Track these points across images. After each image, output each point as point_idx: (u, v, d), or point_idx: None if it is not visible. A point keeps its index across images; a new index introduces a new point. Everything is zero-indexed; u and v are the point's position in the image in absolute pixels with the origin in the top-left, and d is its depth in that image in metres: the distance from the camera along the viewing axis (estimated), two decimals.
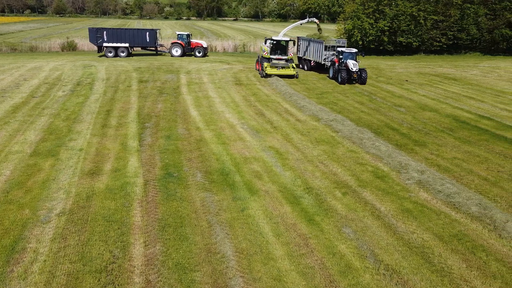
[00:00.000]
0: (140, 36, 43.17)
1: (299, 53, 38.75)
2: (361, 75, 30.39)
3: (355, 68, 30.02)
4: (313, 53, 35.51)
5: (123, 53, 42.80)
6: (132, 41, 43.02)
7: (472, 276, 8.80)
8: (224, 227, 10.50)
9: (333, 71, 32.19)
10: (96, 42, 42.95)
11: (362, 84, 30.39)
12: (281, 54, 33.14)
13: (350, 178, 13.69)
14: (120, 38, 42.58)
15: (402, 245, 9.88)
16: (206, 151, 15.87)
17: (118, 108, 22.08)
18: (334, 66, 31.90)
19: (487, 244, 10.01)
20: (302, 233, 10.30)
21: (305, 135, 18.18)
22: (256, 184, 13.04)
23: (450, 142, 17.65)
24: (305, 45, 37.27)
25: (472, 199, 12.06)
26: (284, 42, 33.31)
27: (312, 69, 36.69)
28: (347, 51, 31.00)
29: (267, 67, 31.83)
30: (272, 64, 32.19)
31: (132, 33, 43.47)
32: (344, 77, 30.17)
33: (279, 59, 32.90)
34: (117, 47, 42.59)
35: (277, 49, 33.13)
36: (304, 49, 37.48)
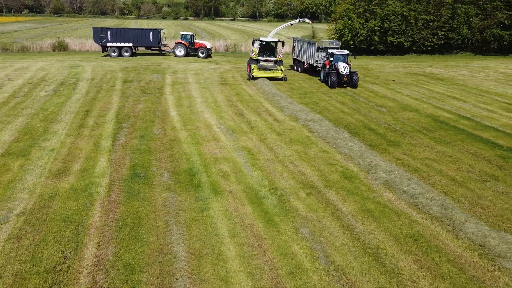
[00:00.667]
0: (143, 36, 43.16)
1: (294, 55, 37.61)
2: (352, 78, 28.93)
3: (345, 71, 28.61)
4: (306, 54, 34.35)
5: (126, 52, 42.84)
6: (136, 41, 43.04)
7: (421, 277, 8.77)
8: (181, 228, 10.47)
9: (324, 74, 30.71)
10: (100, 41, 43.08)
11: (353, 88, 28.88)
12: (270, 55, 32.08)
13: (317, 179, 13.66)
14: (124, 38, 42.64)
15: (356, 246, 9.84)
16: (178, 151, 15.84)
17: (98, 108, 22.05)
18: (325, 69, 30.43)
19: (442, 245, 9.98)
20: (258, 234, 10.27)
21: (281, 135, 18.15)
22: (221, 185, 13.01)
23: (424, 142, 17.61)
24: (299, 46, 36.16)
25: (435, 199, 12.03)
26: (273, 43, 32.28)
27: (305, 71, 35.61)
28: (338, 53, 29.59)
29: (254, 69, 30.86)
30: (260, 66, 31.20)
31: (135, 33, 43.48)
32: (334, 81, 28.69)
33: (267, 61, 31.88)
34: (121, 47, 42.66)
35: (266, 50, 32.09)
36: (298, 51, 36.31)
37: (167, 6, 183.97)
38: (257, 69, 30.91)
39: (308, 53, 33.95)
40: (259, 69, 30.98)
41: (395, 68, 39.73)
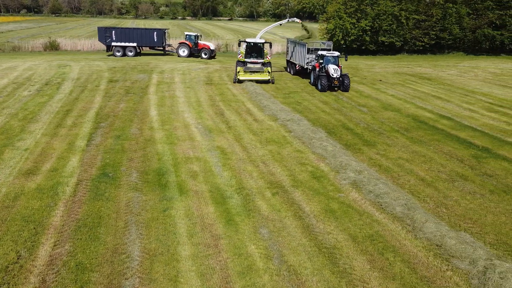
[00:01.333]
0: (147, 36, 43.05)
1: (287, 56, 36.49)
2: (343, 81, 27.54)
3: (336, 74, 27.15)
4: (298, 56, 33.23)
5: (131, 52, 42.89)
6: (140, 40, 43.00)
7: (372, 277, 8.76)
8: (140, 228, 10.47)
9: (314, 77, 29.35)
10: (105, 41, 43.15)
11: (344, 92, 27.60)
12: (257, 57, 30.87)
13: (286, 178, 13.65)
14: (128, 38, 42.67)
15: (312, 246, 9.84)
16: (151, 151, 15.84)
17: (79, 108, 22.04)
18: (315, 72, 29.06)
19: (399, 245, 9.97)
20: (216, 234, 10.26)
21: (257, 135, 18.14)
22: (188, 184, 13.00)
23: (400, 142, 17.60)
24: (291, 47, 35.02)
25: (400, 199, 12.02)
26: (260, 44, 31.12)
27: (297, 73, 34.38)
28: (328, 55, 28.03)
29: (240, 72, 29.77)
30: (246, 69, 30.04)
31: (140, 32, 43.42)
32: (325, 84, 27.27)
33: (254, 63, 30.71)
34: (125, 47, 42.73)
35: (253, 52, 30.99)
36: (291, 52, 35.20)
37: (165, 6, 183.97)
38: (243, 72, 29.89)
39: (299, 54, 32.97)
40: (245, 72, 29.94)
41: (385, 68, 39.72)
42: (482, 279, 8.59)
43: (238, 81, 29.54)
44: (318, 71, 28.62)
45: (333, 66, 27.54)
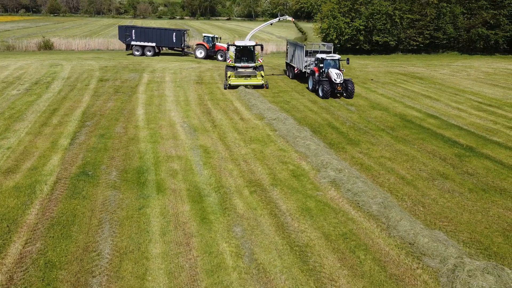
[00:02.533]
0: (166, 36, 42.68)
1: (287, 59, 33.86)
2: (347, 87, 25.11)
3: (339, 79, 24.76)
4: (296, 59, 30.79)
5: (149, 52, 42.69)
6: (159, 40, 42.70)
7: (341, 275, 8.74)
8: (113, 226, 10.44)
9: (313, 82, 26.88)
10: (125, 40, 43.07)
11: (348, 98, 25.34)
12: (248, 61, 28.62)
13: (266, 177, 13.62)
14: (147, 37, 42.45)
15: (285, 244, 9.81)
16: (133, 149, 15.81)
17: (66, 107, 22.00)
18: (314, 76, 26.61)
19: (371, 243, 9.95)
20: (189, 232, 10.24)
21: (242, 133, 18.11)
22: (167, 183, 12.98)
23: (384, 141, 17.58)
24: (290, 49, 32.41)
25: (377, 197, 12.00)
26: (250, 47, 28.83)
27: (296, 77, 32.06)
28: (328, 58, 25.59)
29: (231, 77, 27.63)
30: (237, 73, 27.98)
31: (159, 33, 43.09)
32: (327, 90, 24.73)
33: (245, 67, 28.53)
34: (144, 46, 42.59)
35: (243, 55, 28.70)
36: (290, 54, 32.66)
37: (163, 6, 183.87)
38: (234, 77, 27.80)
39: (297, 57, 30.55)
40: (236, 77, 27.85)
41: (377, 68, 39.69)
42: (450, 277, 8.57)
43: (229, 87, 27.61)
44: (318, 76, 26.17)
45: (335, 71, 25.06)
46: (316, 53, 28.24)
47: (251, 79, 27.90)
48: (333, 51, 31.34)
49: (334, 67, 25.70)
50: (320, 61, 26.07)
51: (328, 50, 29.30)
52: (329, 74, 25.28)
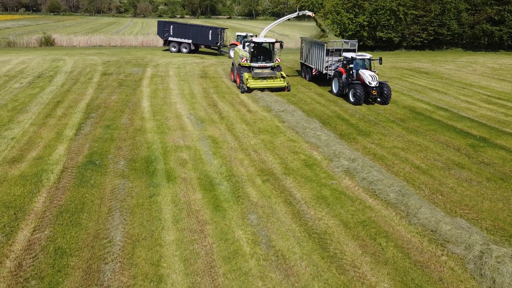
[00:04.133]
0: (202, 33, 41.23)
1: (301, 59, 30.17)
2: (383, 91, 21.48)
3: (374, 82, 21.09)
4: (314, 58, 26.93)
5: (185, 49, 41.73)
6: (195, 38, 41.39)
7: (363, 262, 8.40)
8: (124, 213, 10.09)
9: (339, 85, 23.22)
10: (163, 35, 42.43)
11: (384, 104, 21.77)
12: (265, 60, 24.86)
13: (277, 166, 13.28)
14: (184, 34, 41.42)
15: (302, 231, 9.47)
16: (140, 140, 15.46)
17: (70, 99, 21.65)
18: (340, 79, 23.01)
19: (392, 231, 9.61)
20: (202, 220, 9.90)
21: (250, 125, 17.77)
22: (177, 172, 12.63)
23: (396, 132, 17.24)
24: (306, 48, 28.59)
25: (394, 186, 11.66)
26: (268, 45, 25.14)
27: (314, 79, 28.04)
28: (358, 57, 22.17)
29: (249, 80, 23.90)
30: (255, 74, 24.05)
31: (195, 29, 41.90)
32: (360, 95, 20.99)
33: (263, 67, 24.70)
34: (180, 43, 41.72)
35: (260, 54, 24.99)
36: (306, 53, 28.79)
37: (164, 5, 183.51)
38: (252, 79, 23.99)
39: (316, 57, 26.66)
40: (255, 78, 24.04)
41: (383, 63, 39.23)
42: (478, 264, 8.23)
43: (247, 90, 23.94)
44: (346, 78, 22.65)
45: (369, 72, 21.51)
46: (339, 52, 24.99)
47: (272, 81, 24.36)
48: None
49: (363, 67, 22.21)
50: (349, 61, 22.37)
51: (352, 48, 25.59)
52: (361, 76, 21.53)
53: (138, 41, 50.77)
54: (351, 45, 25.92)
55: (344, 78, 22.84)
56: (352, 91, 21.68)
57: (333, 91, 24.20)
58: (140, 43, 50.41)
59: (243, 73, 24.26)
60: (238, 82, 25.21)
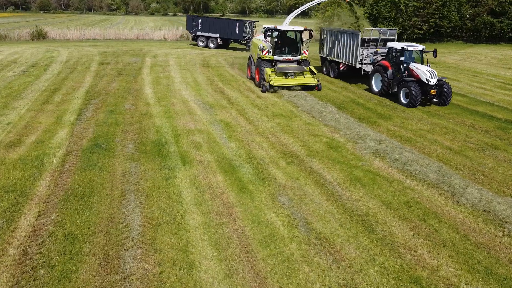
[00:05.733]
0: (229, 27, 38.46)
1: (322, 52, 25.64)
2: (442, 90, 17.46)
3: (433, 79, 17.02)
4: (343, 51, 22.70)
5: (212, 44, 39.25)
6: (222, 32, 38.87)
7: (418, 245, 7.41)
8: (139, 197, 9.01)
9: (384, 83, 19.07)
10: (192, 30, 40.61)
11: (442, 105, 17.80)
12: (291, 53, 20.63)
13: (300, 149, 12.27)
14: (212, 28, 39.15)
15: (342, 213, 8.47)
16: (148, 124, 14.35)
17: (67, 86, 20.42)
18: (385, 75, 18.96)
19: (441, 211, 8.64)
20: (228, 202, 8.85)
21: (263, 109, 16.74)
22: (192, 155, 11.56)
23: (417, 116, 16.34)
24: (330, 39, 24.27)
25: (430, 166, 10.73)
26: (294, 34, 20.98)
27: (340, 75, 23.92)
28: (411, 48, 18.24)
29: (272, 76, 19.46)
30: (279, 70, 19.69)
31: (222, 23, 39.77)
32: (417, 95, 16.99)
33: (288, 61, 20.43)
34: (208, 37, 39.48)
35: (285, 45, 20.73)
36: (329, 46, 24.46)
37: (156, 3, 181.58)
38: (276, 75, 19.71)
39: (345, 49, 22.41)
40: (278, 75, 19.78)
41: None
42: None
43: (271, 89, 19.67)
44: (392, 74, 18.74)
45: (425, 67, 17.66)
46: (376, 43, 21.40)
47: (301, 78, 20.16)
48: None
49: (412, 60, 18.49)
50: (399, 53, 18.32)
51: (390, 38, 21.94)
52: (414, 71, 17.65)
53: (133, 35, 49.39)
54: (389, 34, 22.00)
55: (390, 74, 18.81)
56: (404, 90, 17.76)
57: (373, 90, 20.15)
58: (136, 36, 49.03)
59: (264, 68, 19.82)
60: (257, 79, 21.02)
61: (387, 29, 22.56)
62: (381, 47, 21.28)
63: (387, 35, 22.07)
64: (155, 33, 50.34)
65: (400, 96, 18.02)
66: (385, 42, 21.21)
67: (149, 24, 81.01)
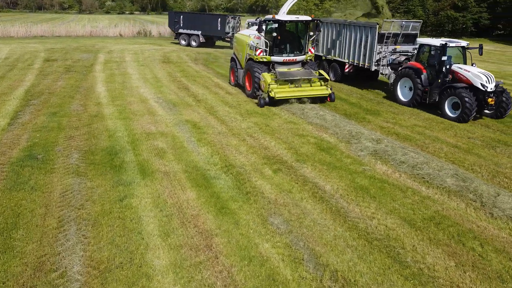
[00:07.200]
0: (210, 23, 34.34)
1: (320, 50, 20.65)
2: (501, 99, 13.49)
3: (490, 84, 13.07)
4: (351, 49, 18.32)
5: (194, 42, 35.14)
6: (204, 28, 34.74)
7: (467, 280, 5.53)
8: (83, 227, 6.62)
9: (416, 90, 14.71)
10: (174, 27, 36.45)
11: (499, 118, 13.82)
12: (294, 51, 15.58)
13: (285, 152, 10.21)
14: (194, 25, 35.04)
15: (357, 238, 6.47)
16: (98, 127, 11.83)
17: (3, 86, 17.34)
18: (419, 80, 14.60)
19: (477, 229, 6.83)
20: (205, 229, 6.64)
21: (235, 107, 14.57)
22: (153, 164, 9.23)
23: (407, 110, 14.73)
24: (330, 34, 19.69)
25: (445, 169, 8.97)
26: (296, 26, 15.84)
27: (345, 78, 19.38)
28: (452, 44, 13.99)
29: (272, 85, 14.22)
30: (281, 76, 14.49)
31: (204, 19, 35.66)
32: (472, 106, 12.88)
33: (290, 63, 15.44)
34: (190, 35, 35.34)
35: (286, 41, 15.55)
36: (329, 42, 19.90)
37: (111, 1, 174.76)
38: (277, 83, 14.42)
39: (355, 46, 18.05)
40: (279, 82, 14.47)
41: None
42: None
43: (269, 101, 14.40)
44: (428, 78, 14.53)
45: (476, 69, 13.61)
46: (395, 38, 17.17)
47: (309, 88, 14.94)
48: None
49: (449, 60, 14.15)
50: (439, 51, 14.04)
51: (413, 33, 17.53)
52: (462, 75, 13.45)
53: (86, 31, 45.68)
54: (412, 28, 17.48)
55: (424, 78, 14.55)
56: (451, 100, 13.56)
57: (399, 99, 15.60)
58: (89, 33, 45.34)
59: (261, 74, 14.75)
60: (248, 87, 15.97)
61: (410, 21, 17.93)
62: (401, 44, 17.25)
63: (409, 29, 17.41)
64: (110, 29, 46.86)
65: (445, 107, 13.71)
66: (405, 38, 17.33)
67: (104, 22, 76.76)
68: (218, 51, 32.52)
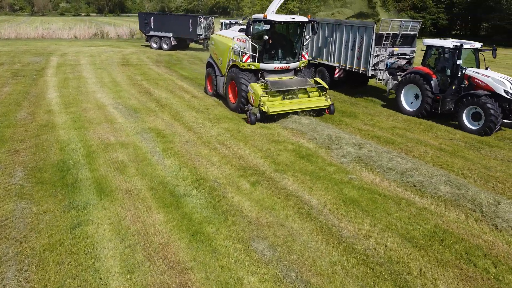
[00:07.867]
0: (181, 24, 32.14)
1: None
2: None
3: None
4: (343, 52, 16.48)
5: (166, 45, 32.88)
6: (175, 30, 32.47)
7: None
8: (25, 266, 5.37)
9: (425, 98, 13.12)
10: (145, 30, 33.93)
11: None
12: (286, 57, 13.54)
13: (262, 162, 9.24)
14: (164, 26, 32.69)
15: (356, 264, 5.58)
16: (48, 139, 10.42)
17: None
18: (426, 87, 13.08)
19: (485, 245, 6.12)
20: (177, 262, 5.55)
21: (202, 112, 13.48)
22: (113, 181, 8.00)
23: (383, 111, 14.19)
24: (322, 35, 17.58)
25: (436, 175, 8.30)
26: (287, 28, 13.79)
27: (335, 84, 17.38)
28: (466, 46, 12.60)
29: (263, 98, 12.15)
30: (273, 86, 12.43)
31: (174, 20, 33.24)
32: (498, 116, 11.33)
33: (281, 71, 13.44)
34: (161, 37, 33.03)
35: (276, 46, 13.39)
36: (317, 44, 17.95)
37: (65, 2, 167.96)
38: (269, 95, 12.36)
39: (348, 48, 16.22)
40: (271, 93, 12.42)
41: None
42: None
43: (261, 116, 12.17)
44: (438, 84, 13.07)
45: (497, 74, 12.13)
46: (394, 40, 15.47)
47: (304, 99, 12.85)
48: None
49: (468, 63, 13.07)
50: (454, 54, 12.46)
51: (412, 33, 16.03)
52: (481, 80, 11.98)
53: (38, 33, 42.95)
54: (411, 28, 15.89)
55: (434, 84, 13.03)
56: (470, 110, 11.95)
57: (404, 109, 13.96)
58: (41, 35, 42.64)
59: (250, 85, 12.59)
60: (232, 99, 13.79)
61: (409, 21, 16.23)
62: (400, 46, 15.79)
63: (409, 30, 15.78)
64: (64, 31, 44.36)
65: (463, 118, 12.07)
66: (403, 40, 15.81)
67: (58, 24, 73.19)
68: (180, 53, 31.20)
